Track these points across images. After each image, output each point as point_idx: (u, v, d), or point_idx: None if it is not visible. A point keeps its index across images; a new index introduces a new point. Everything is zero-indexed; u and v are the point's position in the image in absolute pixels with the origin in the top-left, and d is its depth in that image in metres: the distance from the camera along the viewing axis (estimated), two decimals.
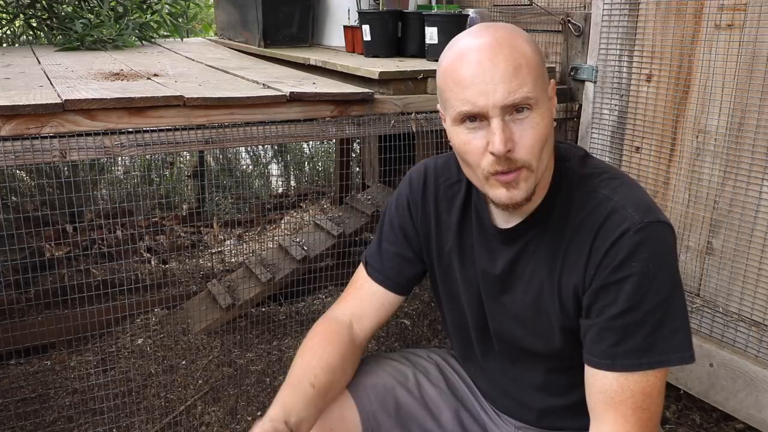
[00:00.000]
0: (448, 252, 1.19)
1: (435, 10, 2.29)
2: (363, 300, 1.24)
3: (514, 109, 0.94)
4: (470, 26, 2.41)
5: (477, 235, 1.15)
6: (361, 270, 1.27)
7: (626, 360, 0.96)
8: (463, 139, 0.98)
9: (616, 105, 2.00)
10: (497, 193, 0.98)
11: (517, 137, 0.95)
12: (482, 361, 1.23)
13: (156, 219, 3.55)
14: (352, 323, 1.22)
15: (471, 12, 2.23)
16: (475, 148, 0.96)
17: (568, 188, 1.05)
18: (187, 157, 4.14)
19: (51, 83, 1.76)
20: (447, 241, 1.19)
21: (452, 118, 0.98)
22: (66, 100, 1.46)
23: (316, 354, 1.14)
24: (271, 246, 2.88)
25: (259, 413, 2.06)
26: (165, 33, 3.61)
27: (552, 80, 1.03)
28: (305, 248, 2.63)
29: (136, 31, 3.18)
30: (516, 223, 1.08)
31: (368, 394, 1.19)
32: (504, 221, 1.10)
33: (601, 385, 0.98)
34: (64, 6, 3.31)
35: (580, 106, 2.13)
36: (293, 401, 1.05)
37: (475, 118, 0.95)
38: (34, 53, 2.66)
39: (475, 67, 0.94)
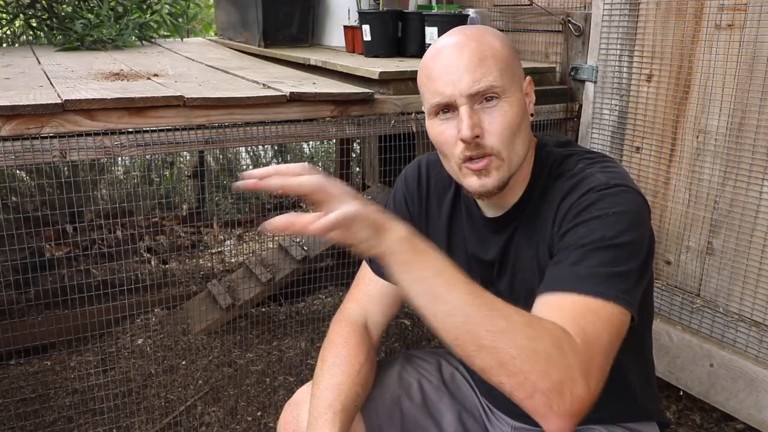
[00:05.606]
0: (438, 244, 1.18)
1: (435, 10, 2.29)
2: (372, 297, 1.23)
3: (483, 97, 0.98)
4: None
5: (468, 225, 1.16)
6: (364, 267, 1.27)
7: (585, 284, 0.88)
8: (437, 131, 1.02)
9: (616, 105, 2.00)
10: (470, 181, 1.01)
11: (486, 124, 0.98)
12: None
13: (156, 219, 3.55)
14: (366, 322, 1.22)
15: (471, 12, 2.23)
16: (448, 137, 1.00)
17: (548, 170, 1.07)
18: (187, 157, 4.13)
19: (51, 83, 1.76)
20: (438, 234, 1.20)
21: (428, 112, 1.03)
22: (66, 100, 1.46)
23: (341, 371, 1.12)
24: (271, 246, 2.88)
25: (259, 413, 2.06)
26: (165, 33, 3.60)
27: (528, 77, 1.06)
28: (305, 248, 2.63)
29: (136, 31, 3.18)
30: (501, 213, 1.10)
31: (375, 407, 1.19)
32: (491, 212, 1.11)
33: (551, 303, 0.91)
34: (64, 6, 3.30)
35: (581, 106, 2.13)
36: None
37: (447, 109, 1.00)
38: (34, 53, 2.66)
39: (444, 60, 0.99)
